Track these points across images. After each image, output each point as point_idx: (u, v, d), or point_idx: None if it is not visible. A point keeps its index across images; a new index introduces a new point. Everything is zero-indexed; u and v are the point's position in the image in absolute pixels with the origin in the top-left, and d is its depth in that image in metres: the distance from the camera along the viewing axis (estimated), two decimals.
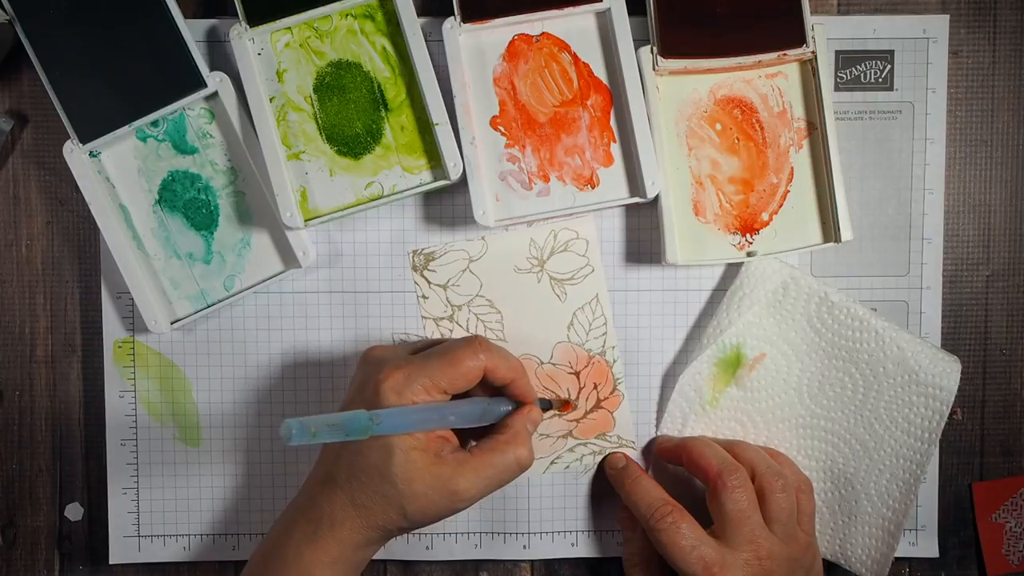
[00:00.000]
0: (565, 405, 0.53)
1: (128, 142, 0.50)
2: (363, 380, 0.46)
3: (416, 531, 0.53)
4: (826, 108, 0.50)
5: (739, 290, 0.51)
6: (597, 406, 0.53)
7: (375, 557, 0.53)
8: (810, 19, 0.49)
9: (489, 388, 0.48)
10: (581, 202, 0.50)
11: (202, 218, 0.51)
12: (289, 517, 0.46)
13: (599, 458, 0.54)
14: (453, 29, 0.49)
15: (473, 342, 0.46)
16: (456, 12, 0.48)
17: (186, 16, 0.49)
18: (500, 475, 0.45)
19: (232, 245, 0.51)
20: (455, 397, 0.46)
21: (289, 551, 0.44)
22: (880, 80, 0.52)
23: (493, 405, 0.47)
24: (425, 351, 0.47)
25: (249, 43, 0.49)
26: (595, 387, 0.53)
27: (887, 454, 0.52)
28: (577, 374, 0.53)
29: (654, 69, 0.49)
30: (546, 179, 0.50)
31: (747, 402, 0.53)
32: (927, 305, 0.53)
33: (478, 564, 0.54)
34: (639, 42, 0.49)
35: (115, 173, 0.50)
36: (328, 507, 0.44)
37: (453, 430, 0.46)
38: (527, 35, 0.50)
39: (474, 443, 0.47)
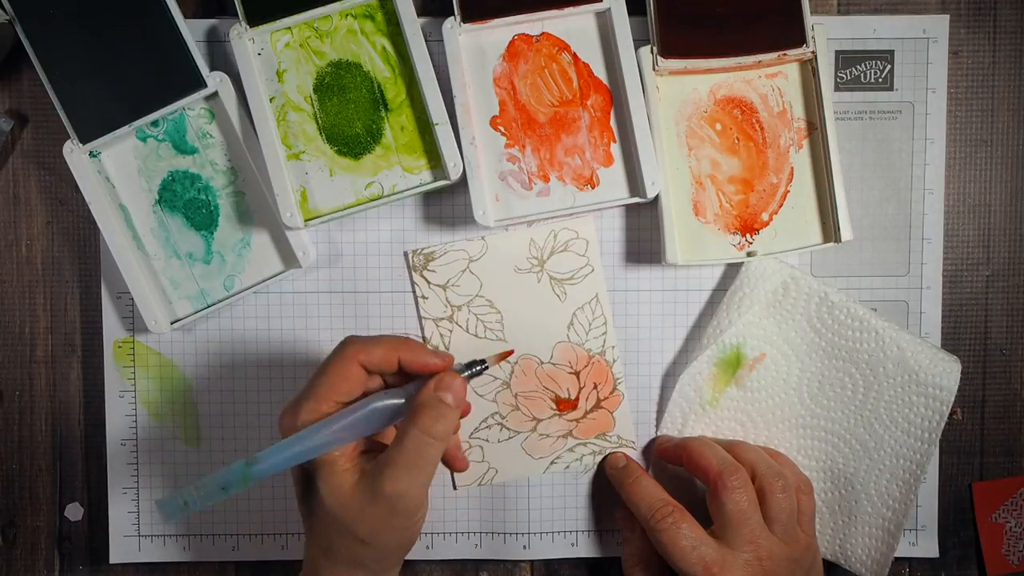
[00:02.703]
0: (567, 403, 0.53)
1: (128, 142, 0.50)
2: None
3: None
4: (826, 108, 0.50)
5: (739, 290, 0.51)
6: (597, 406, 0.53)
7: None
8: (810, 19, 0.49)
9: (400, 377, 0.45)
10: (581, 202, 0.50)
11: (202, 218, 0.51)
12: None
13: (599, 458, 0.54)
14: (453, 29, 0.49)
15: (342, 344, 0.44)
16: (456, 12, 0.48)
17: (186, 16, 0.49)
18: (418, 458, 0.41)
19: (232, 245, 0.51)
20: None
21: None
22: (880, 80, 0.52)
23: (382, 399, 0.43)
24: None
25: (249, 43, 0.49)
26: (595, 387, 0.53)
27: (887, 454, 0.52)
28: (577, 374, 0.53)
29: (654, 69, 0.49)
30: (546, 179, 0.50)
31: (747, 402, 0.53)
32: (927, 305, 0.53)
33: (478, 564, 0.54)
34: (639, 42, 0.49)
35: (115, 173, 0.50)
36: (310, 566, 0.44)
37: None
38: (527, 35, 0.50)
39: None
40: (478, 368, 0.45)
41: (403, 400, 0.43)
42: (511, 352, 0.49)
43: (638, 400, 0.53)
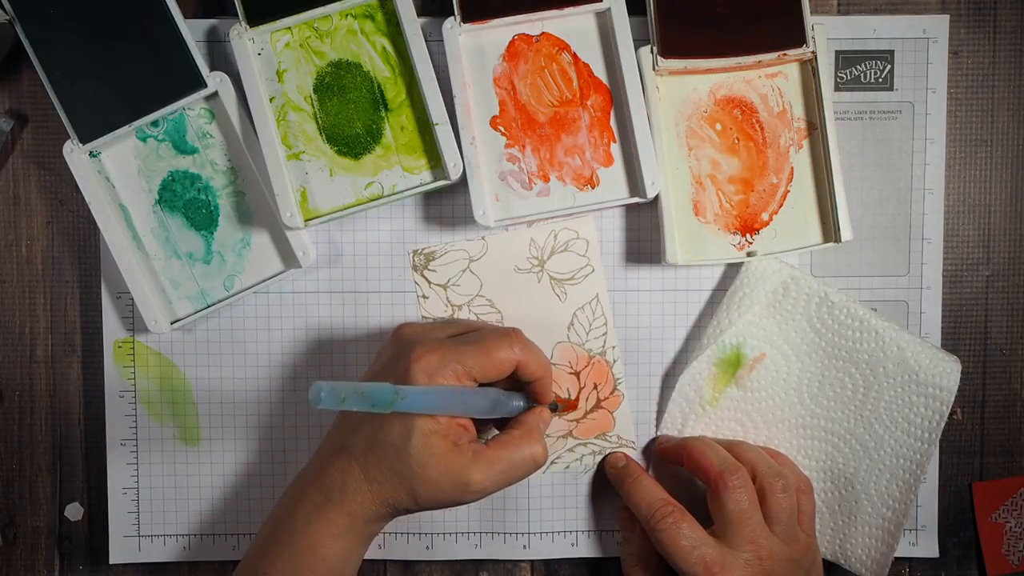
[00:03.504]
0: (569, 406, 0.53)
1: (128, 142, 0.50)
2: (394, 356, 0.46)
3: (417, 531, 0.53)
4: (826, 108, 0.50)
5: (739, 290, 0.51)
6: (597, 406, 0.53)
7: (375, 557, 0.53)
8: (810, 19, 0.49)
9: (512, 381, 0.48)
10: (581, 202, 0.50)
11: (202, 218, 0.51)
12: (299, 486, 0.46)
13: (599, 458, 0.54)
14: (453, 29, 0.49)
15: (510, 334, 0.46)
16: (456, 12, 0.48)
17: (186, 16, 0.49)
18: (514, 470, 0.45)
19: (232, 245, 0.51)
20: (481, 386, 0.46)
21: (298, 521, 0.44)
22: (880, 80, 0.52)
23: (506, 399, 0.47)
24: (460, 336, 0.47)
25: (249, 43, 0.49)
26: (595, 387, 0.53)
27: (887, 454, 0.52)
28: (577, 374, 0.53)
29: (654, 69, 0.49)
30: (546, 179, 0.50)
31: (747, 402, 0.53)
32: (927, 305, 0.53)
33: (478, 564, 0.54)
34: (639, 42, 0.49)
35: (115, 173, 0.50)
36: (340, 477, 0.44)
37: (473, 420, 0.46)
38: (527, 35, 0.50)
39: (486, 437, 0.47)
40: (553, 411, 0.50)
41: (522, 405, 0.48)
42: (575, 406, 0.53)
43: (638, 400, 0.53)
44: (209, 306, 0.51)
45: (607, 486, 0.53)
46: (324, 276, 0.53)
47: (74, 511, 0.54)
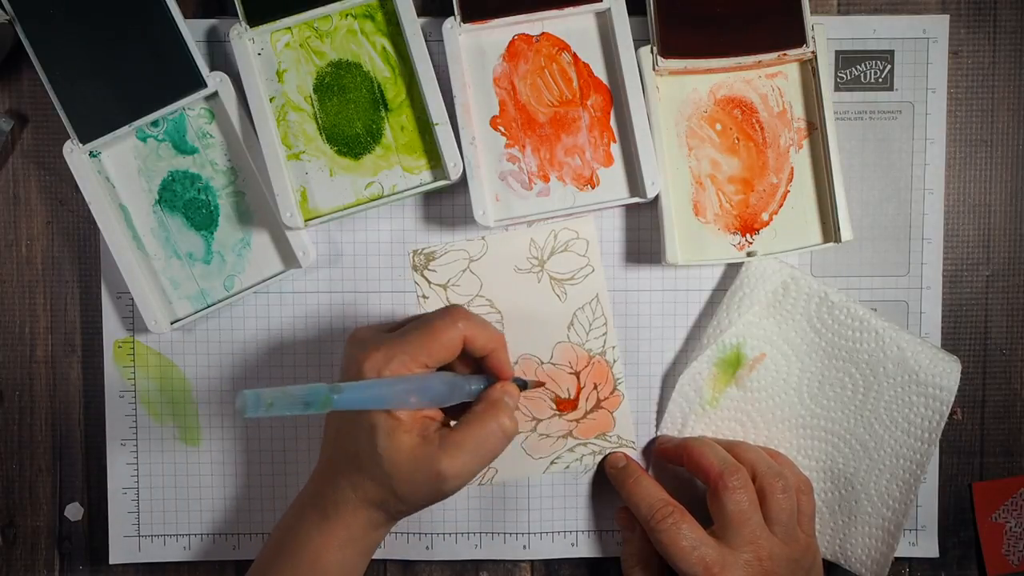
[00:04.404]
0: (567, 403, 0.53)
1: (128, 142, 0.50)
2: (347, 361, 0.45)
3: (417, 531, 0.53)
4: (826, 108, 0.50)
5: (739, 290, 0.51)
6: (597, 406, 0.53)
7: (375, 557, 0.53)
8: (810, 19, 0.49)
9: (469, 363, 0.47)
10: (581, 202, 0.50)
11: (202, 218, 0.51)
12: (298, 506, 0.46)
13: (599, 458, 0.54)
14: (453, 29, 0.48)
15: (452, 311, 0.45)
16: (456, 12, 0.48)
17: (186, 16, 0.49)
18: (483, 447, 0.43)
19: (232, 245, 0.51)
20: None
21: (300, 536, 0.45)
22: (880, 80, 0.52)
23: (462, 382, 0.45)
24: (405, 327, 0.46)
25: (249, 43, 0.49)
26: (595, 387, 0.53)
27: (887, 454, 0.52)
28: (577, 374, 0.53)
29: (654, 69, 0.49)
30: (546, 179, 0.50)
31: (747, 402, 0.53)
32: (927, 305, 0.53)
33: (478, 564, 0.54)
34: (639, 42, 0.49)
35: (115, 173, 0.50)
36: (332, 493, 0.45)
37: (443, 410, 0.45)
38: (527, 35, 0.50)
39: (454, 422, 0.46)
40: (521, 388, 0.48)
41: (483, 387, 0.46)
42: (543, 384, 0.52)
43: (638, 400, 0.53)
44: (209, 306, 0.51)
45: (607, 486, 0.53)
46: (324, 276, 0.53)
47: (74, 511, 0.54)
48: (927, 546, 0.54)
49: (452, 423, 0.45)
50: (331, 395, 0.39)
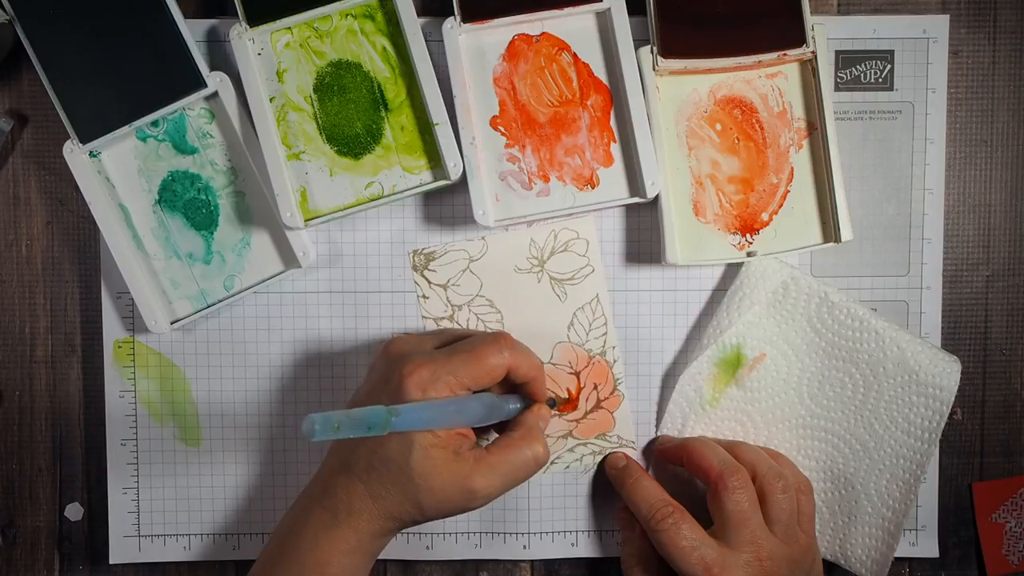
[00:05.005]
0: (567, 403, 0.53)
1: (128, 142, 0.50)
2: (385, 373, 0.46)
3: (417, 531, 0.53)
4: (826, 108, 0.50)
5: (739, 290, 0.51)
6: (597, 406, 0.53)
7: None
8: (810, 19, 0.49)
9: (506, 384, 0.48)
10: (581, 202, 0.50)
11: (202, 218, 0.51)
12: (304, 505, 0.46)
13: (599, 458, 0.54)
14: (453, 29, 0.48)
15: (499, 339, 0.46)
16: (456, 12, 0.48)
17: (186, 16, 0.49)
18: (517, 472, 0.45)
19: (232, 245, 0.51)
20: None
21: (305, 538, 0.44)
22: (880, 80, 0.52)
23: (502, 403, 0.47)
24: (450, 346, 0.47)
25: (249, 43, 0.49)
26: (595, 387, 0.53)
27: (887, 454, 0.52)
28: (577, 374, 0.53)
29: (654, 69, 0.49)
30: (546, 179, 0.50)
31: (747, 402, 0.53)
32: (927, 305, 0.53)
33: (478, 564, 0.54)
34: (639, 42, 0.49)
35: (115, 173, 0.50)
36: (345, 496, 0.44)
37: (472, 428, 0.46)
38: (527, 35, 0.50)
39: (487, 440, 0.47)
40: (551, 407, 0.50)
41: (518, 407, 0.48)
42: (574, 408, 0.53)
43: (638, 400, 0.53)
44: (209, 306, 0.51)
45: (607, 486, 0.53)
46: (324, 276, 0.53)
47: (74, 511, 0.54)
48: (927, 546, 0.54)
49: (477, 438, 0.47)
50: (390, 418, 0.40)
